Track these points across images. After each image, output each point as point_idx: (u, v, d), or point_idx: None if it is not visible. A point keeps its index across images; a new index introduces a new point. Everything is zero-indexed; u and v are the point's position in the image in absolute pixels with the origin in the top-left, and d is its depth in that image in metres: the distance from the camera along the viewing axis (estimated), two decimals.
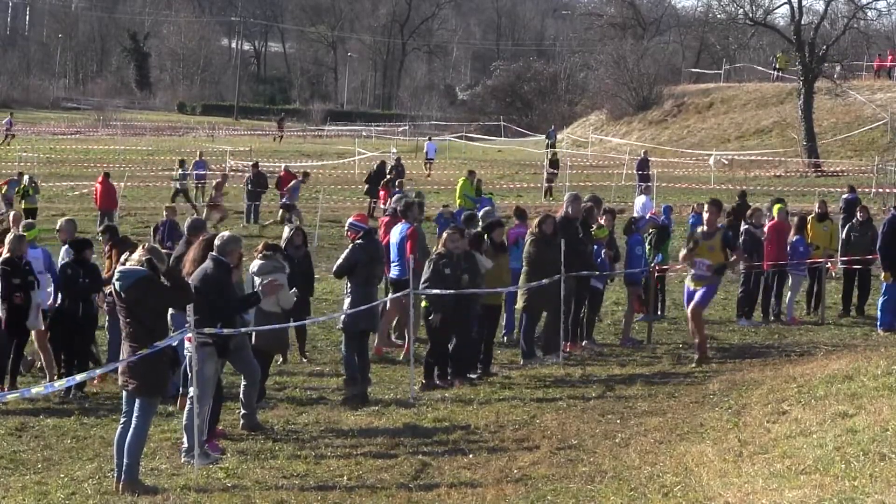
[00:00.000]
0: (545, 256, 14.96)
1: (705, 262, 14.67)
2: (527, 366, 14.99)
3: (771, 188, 39.99)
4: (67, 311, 14.15)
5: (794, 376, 12.65)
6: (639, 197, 27.30)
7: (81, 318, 14.12)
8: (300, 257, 15.16)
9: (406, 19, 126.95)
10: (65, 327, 14.22)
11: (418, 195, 22.61)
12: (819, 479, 8.15)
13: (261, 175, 36.10)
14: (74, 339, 14.29)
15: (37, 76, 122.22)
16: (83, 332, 14.31)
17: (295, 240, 15.32)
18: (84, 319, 14.18)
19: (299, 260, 15.01)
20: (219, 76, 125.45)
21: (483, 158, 59.24)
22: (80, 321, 14.13)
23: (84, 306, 14.13)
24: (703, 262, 14.67)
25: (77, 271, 14.12)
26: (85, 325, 14.27)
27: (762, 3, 66.63)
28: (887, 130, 50.93)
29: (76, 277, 14.06)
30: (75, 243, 14.60)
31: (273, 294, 11.72)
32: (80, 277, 14.08)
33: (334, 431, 11.50)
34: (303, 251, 15.45)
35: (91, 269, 14.36)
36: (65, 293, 14.20)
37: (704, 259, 14.67)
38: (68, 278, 14.10)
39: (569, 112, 79.76)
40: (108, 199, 31.71)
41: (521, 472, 9.56)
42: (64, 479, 10.00)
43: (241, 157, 51.64)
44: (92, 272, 14.32)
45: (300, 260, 15.07)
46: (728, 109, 61.50)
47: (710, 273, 14.72)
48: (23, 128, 73.85)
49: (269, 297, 11.62)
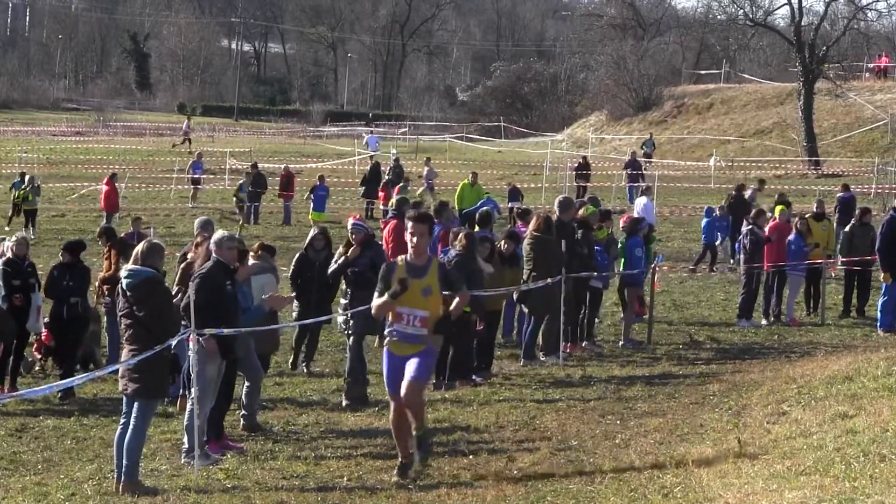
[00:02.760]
0: (546, 257, 14.99)
1: (418, 313, 9.51)
2: (527, 367, 15.01)
3: (771, 189, 40.01)
4: (52, 313, 14.10)
5: (795, 377, 12.66)
6: (639, 198, 27.28)
7: (67, 321, 14.01)
8: (321, 260, 14.66)
9: (406, 20, 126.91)
10: (50, 329, 14.16)
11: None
12: (819, 480, 8.15)
13: (260, 175, 36.08)
14: (59, 340, 14.21)
15: (37, 77, 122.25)
16: (67, 334, 14.20)
17: (316, 243, 15.00)
18: (69, 322, 14.06)
19: (320, 263, 14.58)
20: (219, 77, 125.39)
21: (483, 159, 59.23)
22: (66, 323, 14.02)
23: (69, 309, 14.03)
24: (415, 315, 9.51)
25: (63, 273, 14.02)
26: (70, 328, 14.15)
27: (762, 4, 66.65)
28: (887, 131, 50.94)
29: (61, 279, 13.98)
30: (69, 245, 14.51)
31: (279, 307, 11.72)
32: (64, 280, 13.97)
33: (334, 432, 11.50)
34: (324, 254, 14.80)
35: (79, 271, 14.22)
36: (48, 295, 14.12)
37: (416, 309, 9.51)
38: (53, 280, 14.02)
39: (569, 113, 79.71)
40: (112, 200, 31.58)
41: (521, 473, 9.56)
42: (64, 479, 10.00)
43: (241, 158, 51.67)
44: (79, 275, 14.17)
45: (321, 263, 14.57)
46: (728, 110, 61.53)
47: (424, 331, 9.53)
48: (23, 128, 73.86)
49: (258, 295, 11.59)
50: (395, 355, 9.60)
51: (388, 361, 9.67)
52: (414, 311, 9.50)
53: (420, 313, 9.51)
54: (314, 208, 31.03)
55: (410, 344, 9.53)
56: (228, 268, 10.66)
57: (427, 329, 9.53)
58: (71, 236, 29.96)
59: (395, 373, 9.58)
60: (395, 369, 9.59)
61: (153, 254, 9.90)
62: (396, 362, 9.58)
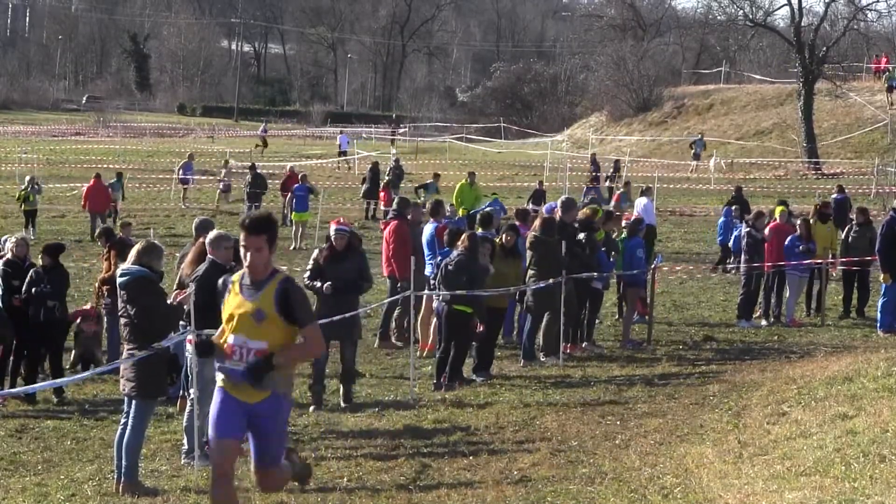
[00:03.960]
0: (546, 258, 15.00)
1: (252, 344, 7.18)
2: (527, 367, 15.01)
3: (771, 189, 40.02)
4: (31, 315, 14.01)
5: (794, 378, 12.66)
6: (640, 198, 27.26)
7: (44, 324, 13.94)
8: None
9: (406, 21, 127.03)
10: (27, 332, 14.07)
11: None
12: (819, 481, 8.15)
13: (259, 176, 36.08)
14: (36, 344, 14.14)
15: (37, 77, 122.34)
16: (45, 337, 14.09)
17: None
18: (46, 325, 13.96)
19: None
20: (219, 78, 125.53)
21: (483, 160, 59.24)
22: (43, 327, 13.95)
23: (46, 312, 13.93)
24: (248, 347, 7.19)
25: (41, 276, 13.95)
26: (47, 331, 14.04)
27: (762, 5, 66.59)
28: (887, 132, 50.95)
29: (38, 281, 13.91)
30: (49, 248, 14.45)
31: None
32: (41, 282, 13.89)
33: (334, 433, 11.50)
34: None
35: (58, 274, 14.13)
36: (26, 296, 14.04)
37: (250, 340, 7.19)
38: (30, 282, 13.95)
39: (569, 114, 79.79)
40: (97, 200, 31.11)
41: (521, 474, 9.56)
42: (64, 480, 10.00)
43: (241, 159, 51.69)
44: (58, 278, 14.07)
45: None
46: (728, 111, 61.53)
47: None
48: (23, 129, 73.88)
49: None
50: (232, 396, 7.20)
51: (222, 403, 7.20)
52: (247, 343, 7.14)
53: (254, 345, 7.13)
54: (296, 209, 30.99)
55: (247, 385, 7.13)
56: (224, 268, 10.60)
57: None
58: (71, 237, 30.07)
59: (229, 415, 7.14)
60: (229, 412, 7.15)
61: (149, 253, 9.93)
62: (234, 404, 7.17)
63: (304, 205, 31.00)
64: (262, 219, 7.25)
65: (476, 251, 13.97)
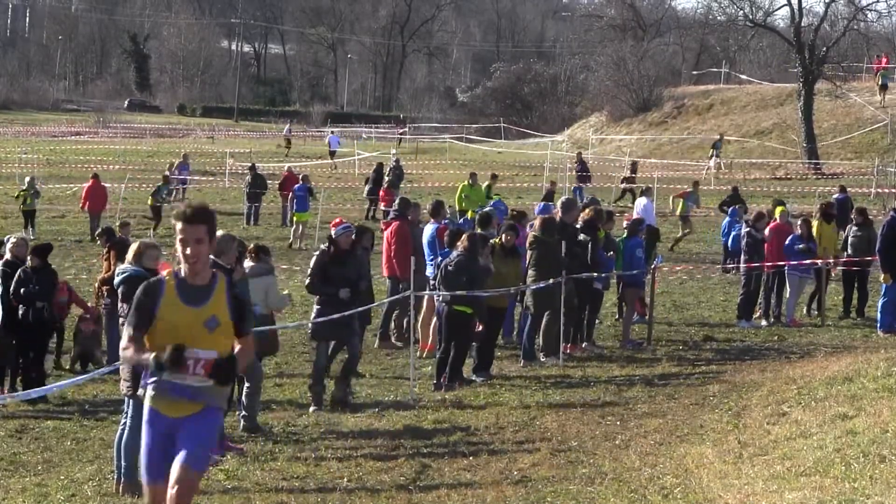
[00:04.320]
0: (546, 258, 15.00)
1: (202, 354, 6.58)
2: (527, 367, 15.01)
3: (771, 189, 40.01)
4: (21, 316, 13.98)
5: (794, 378, 12.66)
6: (639, 198, 27.28)
7: (32, 325, 13.92)
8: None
9: (406, 21, 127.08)
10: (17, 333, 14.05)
11: None
12: (819, 481, 8.15)
13: (259, 177, 36.09)
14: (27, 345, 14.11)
15: (37, 78, 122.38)
16: (32, 338, 14.05)
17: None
18: (35, 326, 13.93)
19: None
20: (219, 78, 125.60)
21: (483, 160, 59.24)
22: (31, 327, 13.92)
23: (34, 313, 13.90)
24: (199, 358, 6.58)
25: (30, 277, 13.92)
26: (36, 332, 14.00)
27: (762, 5, 66.53)
28: (887, 132, 50.94)
29: (27, 282, 13.88)
30: (38, 248, 14.43)
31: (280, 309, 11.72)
32: (30, 283, 13.87)
33: (334, 433, 11.50)
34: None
35: (47, 275, 14.09)
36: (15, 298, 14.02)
37: (201, 350, 6.59)
38: (19, 282, 13.92)
39: (569, 114, 79.79)
40: (96, 200, 31.12)
41: (521, 474, 9.56)
42: (64, 480, 9.99)
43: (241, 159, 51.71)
44: (46, 279, 14.03)
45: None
46: (728, 111, 61.53)
47: (209, 382, 6.61)
48: (23, 129, 73.89)
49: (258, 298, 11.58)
50: (162, 415, 6.63)
51: (152, 427, 6.65)
52: (198, 354, 6.56)
53: (205, 355, 6.57)
54: (296, 209, 31.01)
55: (183, 401, 6.60)
56: (226, 269, 10.64)
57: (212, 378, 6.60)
58: (71, 237, 30.09)
59: (162, 444, 6.62)
60: (160, 438, 6.62)
61: (144, 253, 9.95)
62: (162, 427, 6.63)
63: (304, 205, 31.03)
64: (201, 208, 6.72)
65: (476, 251, 13.98)
